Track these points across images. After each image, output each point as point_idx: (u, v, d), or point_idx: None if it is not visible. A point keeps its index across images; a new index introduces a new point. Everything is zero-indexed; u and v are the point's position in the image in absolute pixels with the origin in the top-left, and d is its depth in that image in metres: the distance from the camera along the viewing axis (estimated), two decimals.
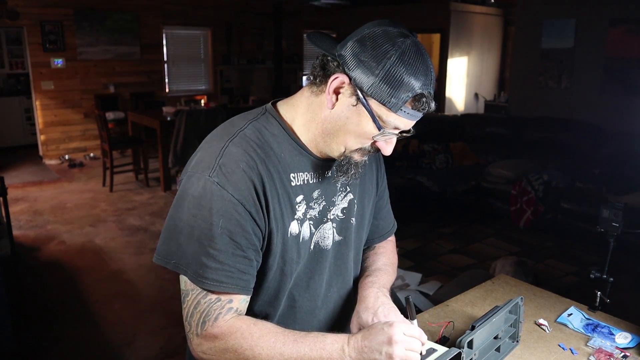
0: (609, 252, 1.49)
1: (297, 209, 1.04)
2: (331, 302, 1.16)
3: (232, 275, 0.96)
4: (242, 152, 0.97)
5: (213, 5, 8.49)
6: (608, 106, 5.36)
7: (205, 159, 0.98)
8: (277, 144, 1.02)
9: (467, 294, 1.57)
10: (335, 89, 0.96)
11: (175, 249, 0.97)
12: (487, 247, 4.41)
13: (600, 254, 1.87)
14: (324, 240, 1.11)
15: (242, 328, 0.96)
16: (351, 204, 1.14)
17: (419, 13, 8.36)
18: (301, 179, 1.04)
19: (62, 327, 3.13)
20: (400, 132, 0.99)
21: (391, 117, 0.94)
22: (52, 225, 4.88)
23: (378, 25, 0.94)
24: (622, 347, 1.27)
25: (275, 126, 1.04)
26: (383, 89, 0.91)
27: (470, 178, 5.20)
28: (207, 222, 0.94)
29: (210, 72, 8.88)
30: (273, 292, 1.07)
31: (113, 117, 7.36)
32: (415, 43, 0.93)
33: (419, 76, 0.92)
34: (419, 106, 0.94)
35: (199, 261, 0.95)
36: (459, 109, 8.54)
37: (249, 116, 1.05)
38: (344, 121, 0.97)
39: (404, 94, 0.91)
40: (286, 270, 1.06)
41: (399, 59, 0.90)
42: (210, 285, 0.95)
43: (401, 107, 0.93)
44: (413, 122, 0.97)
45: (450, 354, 1.00)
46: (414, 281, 3.46)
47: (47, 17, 7.12)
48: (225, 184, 0.95)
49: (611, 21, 5.35)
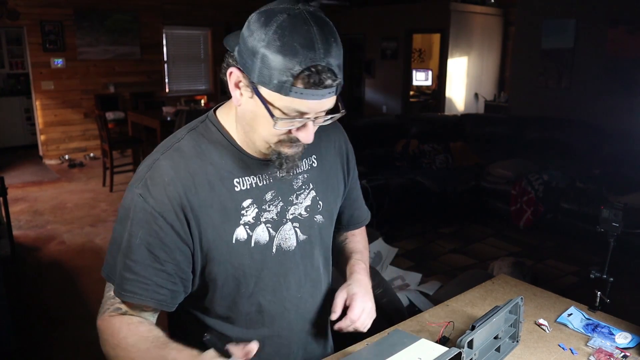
0: (609, 252, 1.49)
1: (243, 214, 1.02)
2: (302, 303, 1.14)
3: (147, 287, 0.96)
4: (170, 165, 0.97)
5: (213, 5, 8.49)
6: (608, 106, 5.36)
7: (139, 171, 0.99)
8: (217, 151, 1.01)
9: (467, 294, 1.57)
10: (235, 84, 0.93)
11: (112, 262, 1.00)
12: (487, 247, 4.41)
13: (600, 254, 1.88)
14: (286, 242, 1.08)
15: (115, 326, 0.97)
16: (314, 201, 1.12)
17: (419, 13, 8.36)
18: (247, 183, 1.02)
19: (62, 327, 3.13)
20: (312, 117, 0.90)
21: (285, 101, 0.86)
22: (52, 225, 4.88)
23: (267, 5, 0.88)
24: (622, 347, 1.27)
25: (214, 133, 1.02)
26: (266, 73, 0.85)
27: (470, 178, 5.20)
28: (129, 233, 0.96)
29: (210, 72, 8.88)
30: (229, 297, 1.06)
31: (113, 117, 7.36)
32: (295, 15, 0.84)
33: (300, 50, 0.82)
34: (310, 84, 0.84)
35: (120, 272, 0.97)
36: (459, 109, 8.54)
37: (190, 126, 1.04)
38: (250, 115, 0.94)
39: (286, 74, 0.83)
40: (238, 275, 1.04)
41: (275, 37, 0.83)
42: (125, 296, 0.96)
43: (289, 88, 0.84)
44: (319, 101, 0.87)
45: (450, 354, 1.00)
46: (414, 281, 3.46)
47: (47, 17, 7.12)
48: (147, 197, 0.95)
49: (611, 21, 5.35)
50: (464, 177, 5.21)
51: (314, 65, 0.83)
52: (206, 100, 7.27)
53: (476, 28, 8.41)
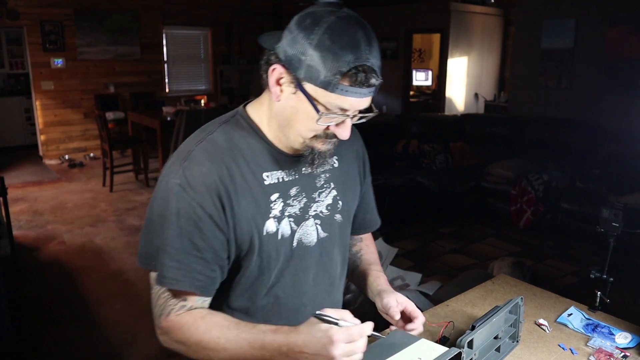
0: (609, 252, 1.49)
1: (272, 208, 1.05)
2: (318, 299, 1.17)
3: (187, 274, 0.99)
4: (206, 156, 1.00)
5: (213, 5, 8.49)
6: (608, 106, 5.36)
7: (174, 163, 1.02)
8: (248, 145, 1.04)
9: (467, 294, 1.57)
10: (277, 80, 0.97)
11: (154, 251, 1.02)
12: (487, 247, 4.41)
13: (600, 254, 1.88)
14: (307, 237, 1.11)
15: (189, 323, 0.99)
16: (335, 200, 1.15)
17: (419, 13, 8.36)
18: (275, 177, 1.06)
19: (62, 327, 3.13)
20: (352, 114, 0.96)
21: (330, 98, 0.92)
22: (52, 225, 4.88)
23: (310, 7, 0.94)
24: (622, 347, 1.27)
25: (245, 128, 1.06)
26: (314, 70, 0.90)
27: (470, 178, 5.20)
28: (168, 222, 0.98)
29: (210, 72, 8.88)
30: (250, 288, 1.09)
31: (113, 117, 7.37)
32: (342, 17, 0.90)
33: (349, 50, 0.88)
34: (356, 82, 0.90)
35: (161, 260, 1.00)
36: (459, 109, 8.53)
37: (221, 120, 1.09)
38: (290, 110, 0.98)
39: (335, 71, 0.89)
40: (263, 267, 1.07)
41: (325, 37, 0.88)
42: (167, 283, 1.00)
43: (336, 85, 0.90)
44: (360, 99, 0.93)
45: (450, 354, 1.00)
46: (414, 281, 3.46)
47: (47, 17, 7.12)
48: (186, 187, 0.98)
49: (611, 21, 5.34)
50: (464, 177, 5.21)
51: (360, 64, 0.89)
52: (206, 100, 7.26)
53: (476, 28, 8.41)
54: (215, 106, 6.49)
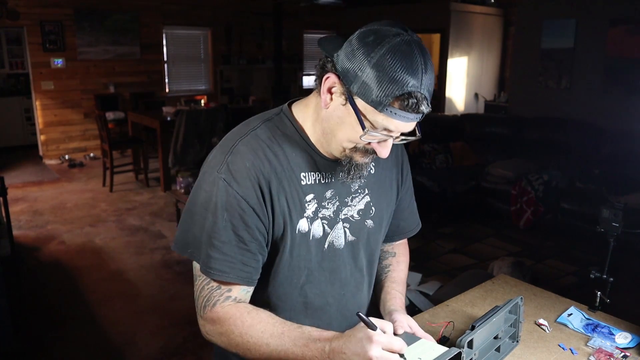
0: (609, 252, 1.49)
1: (306, 207, 1.07)
2: (344, 301, 1.18)
3: (234, 266, 1.02)
4: (250, 150, 1.02)
5: (213, 5, 8.49)
6: (608, 106, 5.36)
7: (217, 156, 1.05)
8: (289, 143, 1.06)
9: (467, 294, 1.57)
10: (329, 89, 0.98)
11: (191, 240, 1.05)
12: (487, 247, 4.41)
13: (600, 254, 1.87)
14: (338, 240, 1.13)
15: (236, 315, 1.02)
16: (368, 206, 1.16)
17: (419, 13, 8.36)
18: (312, 179, 1.08)
19: (62, 327, 3.13)
20: (395, 135, 0.96)
21: (378, 117, 0.92)
22: (52, 225, 4.88)
23: (375, 24, 0.94)
24: (622, 347, 1.27)
25: (288, 127, 1.08)
26: (367, 88, 0.90)
27: (470, 178, 5.20)
28: (214, 215, 1.01)
29: (210, 72, 8.88)
30: (280, 285, 1.11)
31: (113, 117, 7.36)
32: (406, 42, 0.90)
33: (406, 75, 0.88)
34: (406, 106, 0.90)
35: (206, 252, 1.02)
36: (459, 109, 8.54)
37: (264, 116, 1.10)
38: (337, 120, 0.99)
39: (388, 93, 0.89)
40: (294, 265, 1.09)
41: (385, 57, 0.88)
42: (213, 274, 1.02)
43: (386, 106, 0.90)
44: (406, 123, 0.94)
45: (450, 354, 1.00)
46: (414, 281, 3.46)
47: (47, 17, 7.12)
48: (231, 181, 1.00)
49: (611, 21, 5.34)
50: (464, 177, 5.21)
51: (414, 91, 0.89)
52: (206, 100, 7.25)
53: (476, 28, 8.41)
54: (215, 106, 6.49)
